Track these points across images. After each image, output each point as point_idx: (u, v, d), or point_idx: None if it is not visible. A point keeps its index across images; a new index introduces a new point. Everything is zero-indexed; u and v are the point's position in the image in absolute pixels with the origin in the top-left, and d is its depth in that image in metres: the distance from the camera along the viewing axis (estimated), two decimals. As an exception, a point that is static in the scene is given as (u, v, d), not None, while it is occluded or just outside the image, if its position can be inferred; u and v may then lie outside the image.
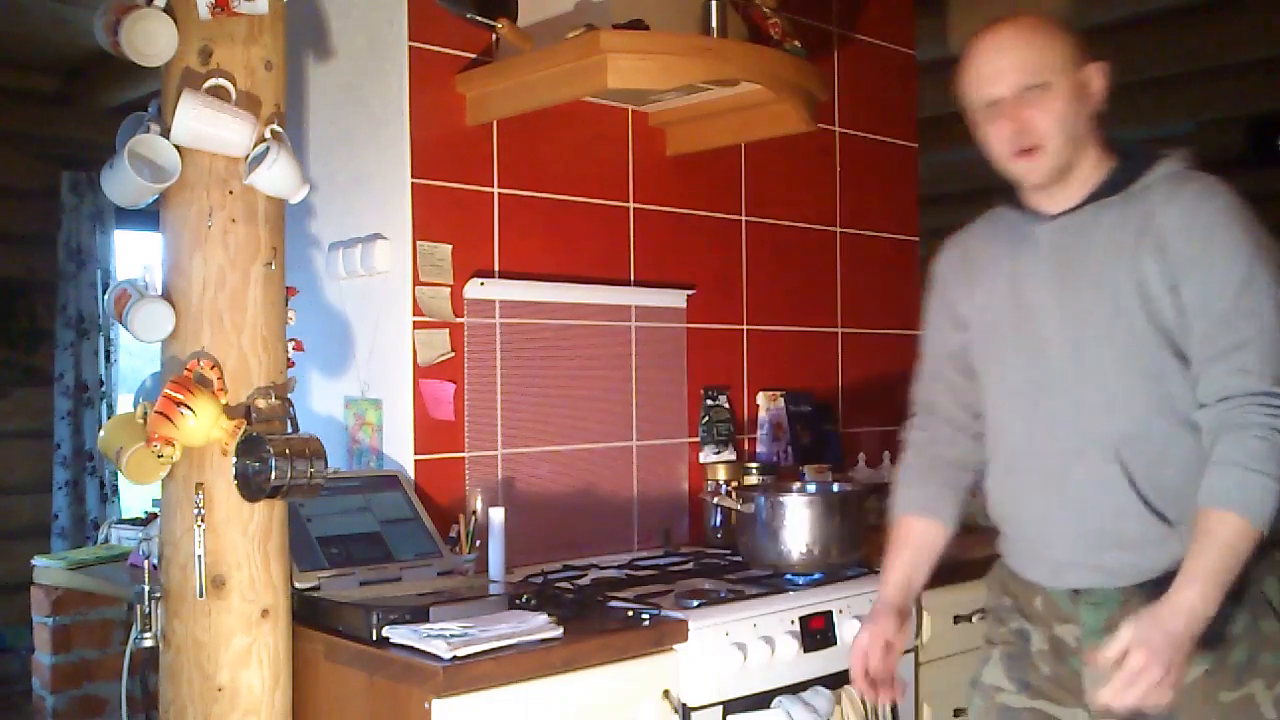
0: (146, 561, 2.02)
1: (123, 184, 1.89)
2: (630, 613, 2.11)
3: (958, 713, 2.64)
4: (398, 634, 1.91)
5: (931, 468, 2.01)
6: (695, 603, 2.20)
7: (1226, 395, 1.64)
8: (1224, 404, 1.64)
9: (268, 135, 1.93)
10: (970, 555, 2.65)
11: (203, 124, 1.86)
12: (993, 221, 1.93)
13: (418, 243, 2.50)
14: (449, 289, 2.55)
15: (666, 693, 2.07)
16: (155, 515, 2.55)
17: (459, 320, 2.56)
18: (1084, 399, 1.77)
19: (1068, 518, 1.80)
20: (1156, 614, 1.58)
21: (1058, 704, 1.85)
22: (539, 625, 1.95)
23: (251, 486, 1.89)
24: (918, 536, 2.00)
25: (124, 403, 5.56)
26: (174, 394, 1.84)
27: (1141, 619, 1.58)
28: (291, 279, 2.08)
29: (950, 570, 2.60)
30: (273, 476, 1.85)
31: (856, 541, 2.48)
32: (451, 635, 1.86)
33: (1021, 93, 1.73)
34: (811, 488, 2.70)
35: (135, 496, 5.57)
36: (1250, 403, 1.61)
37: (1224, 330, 1.65)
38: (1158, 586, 1.68)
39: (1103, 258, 1.75)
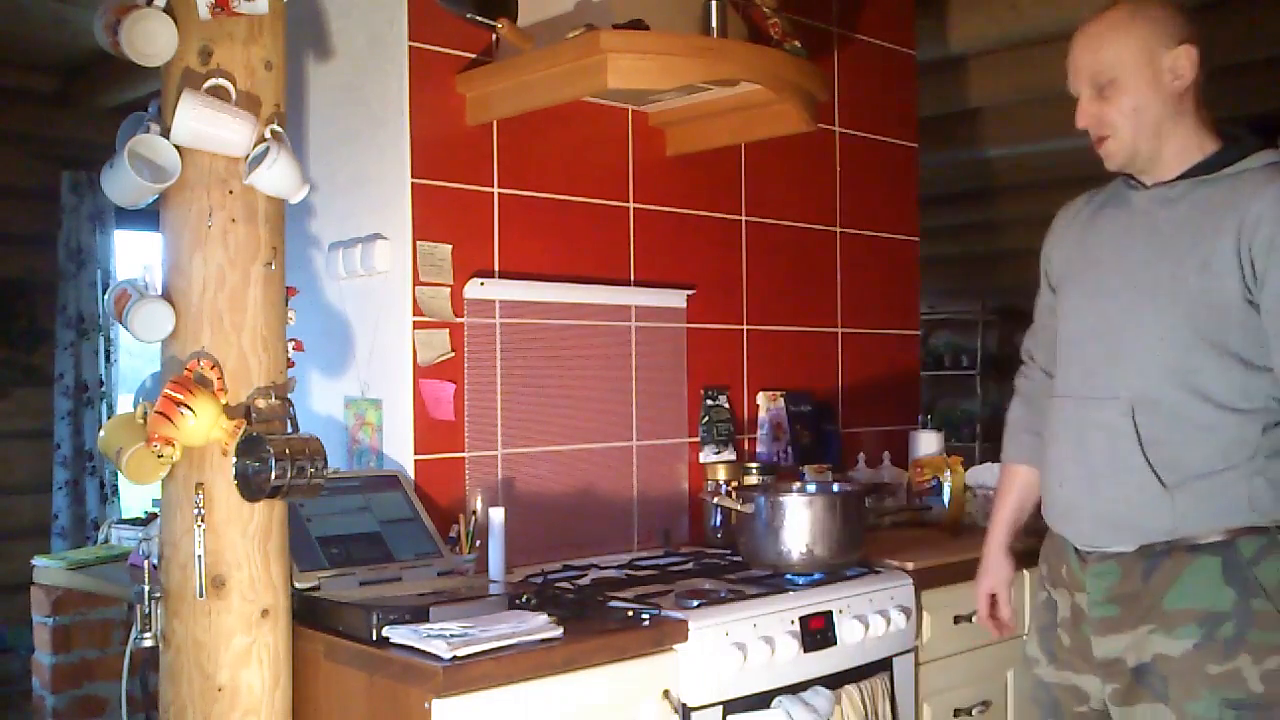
0: (146, 561, 2.02)
1: (123, 184, 1.89)
2: (630, 613, 2.11)
3: (958, 713, 2.64)
4: (398, 634, 1.91)
5: (1032, 416, 2.17)
6: (695, 603, 2.20)
7: None
8: None
9: (268, 135, 1.93)
10: (970, 555, 2.65)
11: (203, 124, 1.86)
12: (1105, 189, 2.05)
13: (418, 243, 2.50)
14: (449, 289, 2.55)
15: (666, 693, 2.07)
16: (155, 515, 2.55)
17: (459, 320, 2.56)
18: (1119, 353, 1.89)
19: (1080, 460, 1.93)
20: None
21: (1077, 672, 1.98)
22: (539, 625, 1.95)
23: (251, 486, 1.89)
24: (1021, 483, 2.20)
25: (124, 403, 5.56)
26: (174, 394, 1.84)
27: None
28: (291, 279, 2.08)
29: (950, 570, 2.62)
30: (273, 476, 1.85)
31: (856, 541, 2.48)
32: (451, 635, 1.86)
33: (1093, 89, 1.88)
34: (811, 488, 2.70)
35: (135, 496, 5.56)
36: None
37: None
38: (1152, 559, 1.84)
39: (1179, 229, 1.84)
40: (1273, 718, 1.75)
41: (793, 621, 2.26)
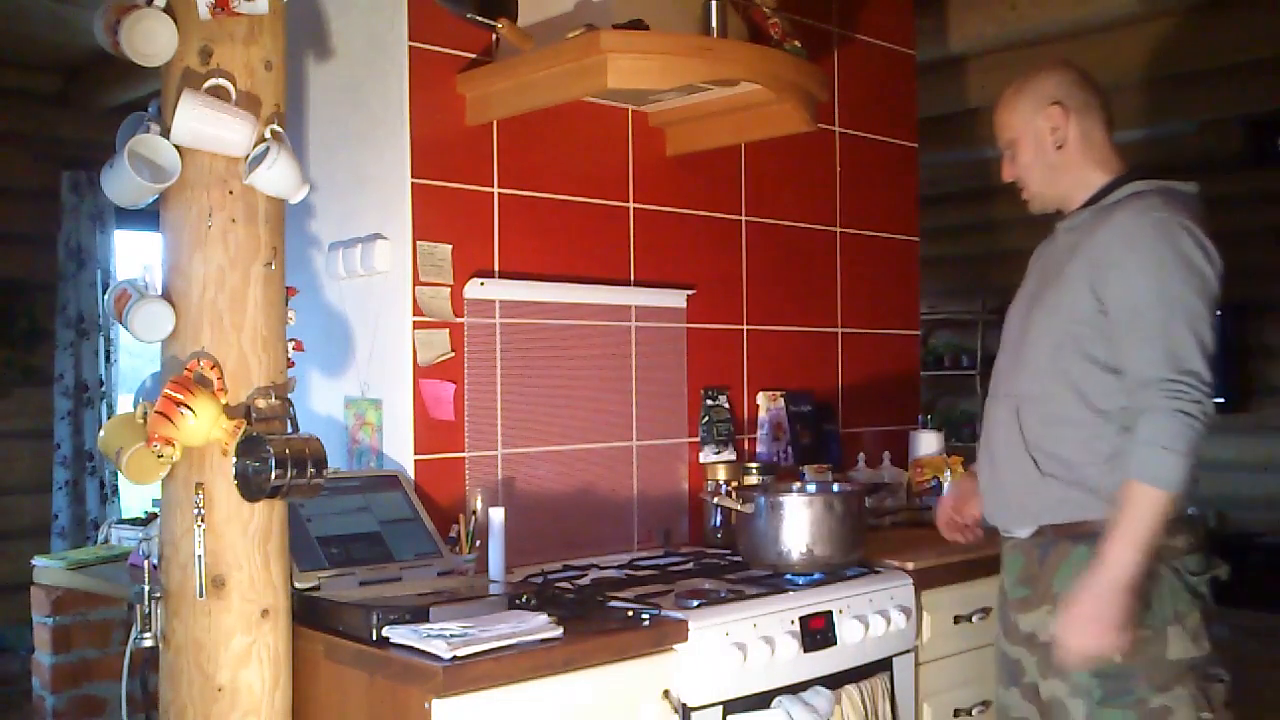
0: (146, 561, 2.02)
1: (123, 184, 1.89)
2: (630, 613, 2.11)
3: (958, 713, 2.64)
4: (398, 634, 1.91)
5: None
6: (695, 603, 2.20)
7: (1141, 383, 1.98)
8: (1140, 391, 1.98)
9: (268, 135, 1.93)
10: (970, 555, 2.66)
11: (203, 124, 1.86)
12: None
13: (418, 243, 2.50)
14: (449, 289, 2.55)
15: (666, 693, 2.07)
16: (155, 515, 2.55)
17: (459, 320, 2.56)
18: (1017, 357, 2.20)
19: (986, 451, 2.27)
20: (1084, 580, 1.97)
21: (1015, 645, 2.23)
22: (539, 625, 1.95)
23: (251, 486, 1.89)
24: None
25: (124, 403, 5.56)
26: (174, 394, 1.84)
27: (1076, 589, 1.99)
28: (291, 279, 2.08)
29: (950, 570, 2.62)
30: (273, 477, 1.85)
31: (856, 541, 2.48)
32: (451, 635, 1.86)
33: (1007, 151, 2.25)
34: (811, 488, 2.70)
35: (135, 496, 5.57)
36: (1156, 388, 1.95)
37: (1136, 328, 1.99)
38: (1044, 546, 2.13)
39: (1062, 255, 2.16)
40: (1128, 686, 2.02)
41: (793, 621, 2.26)
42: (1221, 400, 7.00)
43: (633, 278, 2.91)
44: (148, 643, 1.98)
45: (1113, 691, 2.02)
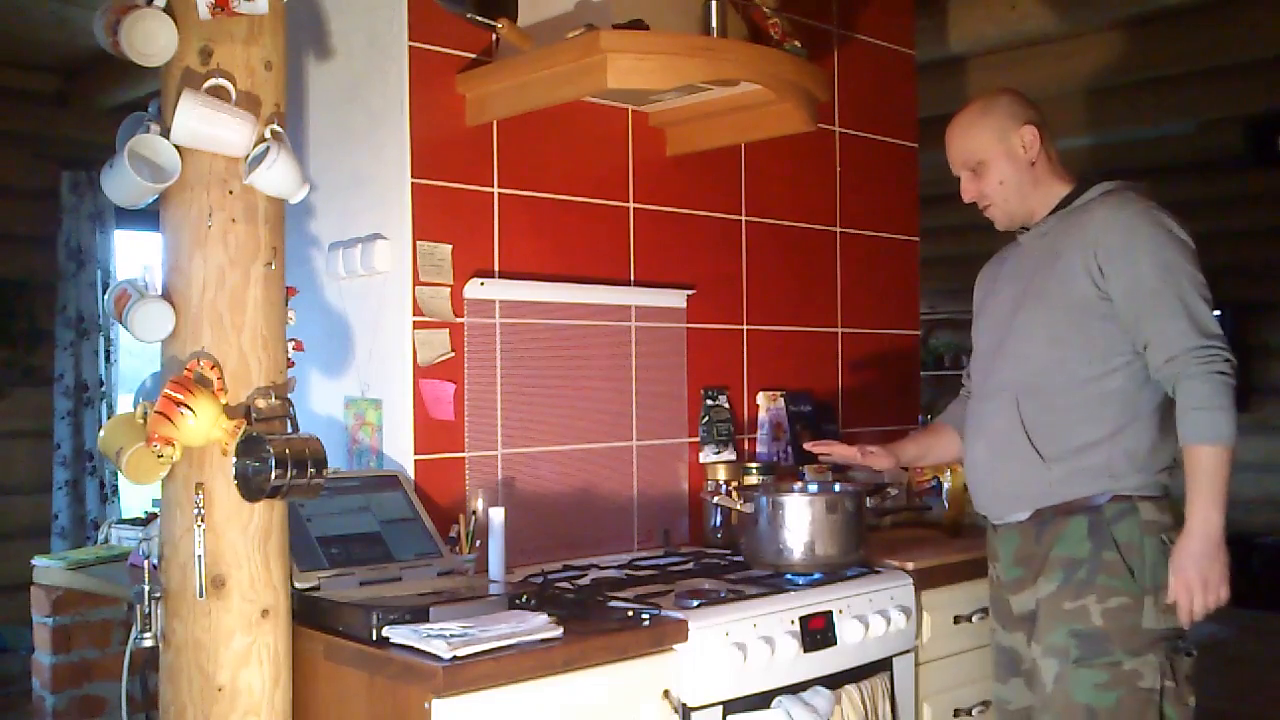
0: (146, 561, 2.02)
1: (123, 184, 1.89)
2: (630, 613, 2.11)
3: (958, 713, 2.64)
4: (398, 634, 1.91)
5: (956, 407, 2.64)
6: (695, 603, 2.20)
7: (1171, 355, 2.11)
8: (1171, 363, 2.11)
9: (268, 135, 1.93)
10: (970, 556, 2.66)
11: (203, 124, 1.86)
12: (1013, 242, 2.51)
13: (418, 243, 2.50)
14: (449, 289, 2.55)
15: (666, 693, 2.07)
16: (155, 515, 2.55)
17: (459, 320, 2.56)
18: (1007, 356, 2.32)
19: (983, 446, 2.36)
20: (1179, 547, 2.10)
21: (1010, 633, 2.35)
22: (539, 625, 1.95)
23: (251, 486, 1.89)
24: (935, 430, 2.68)
25: (124, 403, 5.56)
26: (174, 394, 1.84)
27: (1173, 557, 2.11)
28: (291, 279, 2.08)
29: (950, 570, 2.62)
30: (273, 477, 1.85)
31: (856, 541, 2.48)
32: (451, 635, 1.86)
33: (969, 171, 2.39)
34: (812, 487, 2.70)
35: (135, 496, 5.57)
36: (1190, 356, 2.09)
37: (1156, 305, 2.13)
38: (1042, 524, 2.24)
39: (1046, 252, 2.30)
40: (1103, 648, 2.15)
41: (793, 621, 2.27)
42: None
43: (633, 278, 2.91)
44: (148, 643, 1.98)
45: (1089, 652, 2.16)
